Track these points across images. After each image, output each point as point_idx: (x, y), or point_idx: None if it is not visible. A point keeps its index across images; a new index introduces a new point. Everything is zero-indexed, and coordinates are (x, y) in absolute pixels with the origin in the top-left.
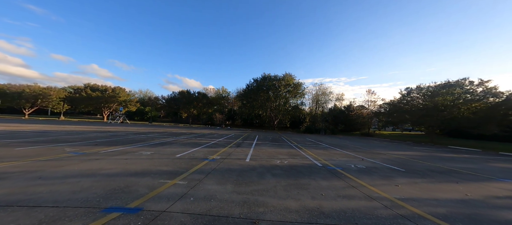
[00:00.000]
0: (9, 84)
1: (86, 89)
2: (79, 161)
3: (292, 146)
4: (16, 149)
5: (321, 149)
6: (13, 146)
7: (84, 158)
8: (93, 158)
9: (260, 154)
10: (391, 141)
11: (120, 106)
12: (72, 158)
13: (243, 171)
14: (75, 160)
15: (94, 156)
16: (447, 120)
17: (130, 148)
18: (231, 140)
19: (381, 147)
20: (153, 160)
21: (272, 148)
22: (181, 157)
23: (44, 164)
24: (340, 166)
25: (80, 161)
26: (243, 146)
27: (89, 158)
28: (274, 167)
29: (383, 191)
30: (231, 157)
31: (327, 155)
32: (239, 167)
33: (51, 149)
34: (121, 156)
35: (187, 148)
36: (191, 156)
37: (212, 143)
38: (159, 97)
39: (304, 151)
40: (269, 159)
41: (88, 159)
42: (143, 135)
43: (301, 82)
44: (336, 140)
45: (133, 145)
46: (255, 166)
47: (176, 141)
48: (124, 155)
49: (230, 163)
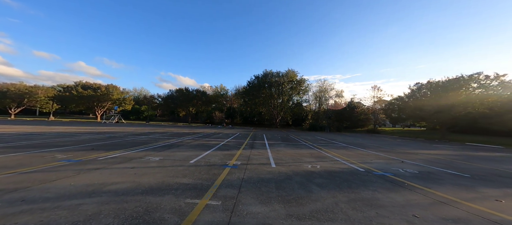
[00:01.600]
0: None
1: (77, 87)
2: (75, 172)
3: (308, 146)
4: None
5: (342, 149)
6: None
7: (81, 167)
8: (92, 168)
9: (282, 157)
10: (402, 138)
11: (114, 105)
12: (66, 168)
13: (279, 182)
14: (70, 170)
15: (92, 164)
16: (461, 116)
17: (133, 153)
18: (240, 140)
19: (401, 145)
20: (166, 168)
21: (289, 148)
22: (197, 163)
23: (29, 178)
24: (387, 171)
25: (77, 172)
26: (257, 147)
27: (87, 167)
28: (311, 174)
29: (496, 210)
30: (252, 162)
31: (355, 156)
32: (271, 176)
33: (38, 157)
34: (126, 164)
35: (198, 151)
36: (207, 162)
37: (222, 145)
38: (154, 96)
39: (326, 152)
40: (296, 163)
41: (86, 169)
42: (143, 136)
43: (304, 79)
44: (347, 138)
45: (136, 148)
46: (288, 174)
47: (182, 143)
48: (129, 163)
49: (257, 171)
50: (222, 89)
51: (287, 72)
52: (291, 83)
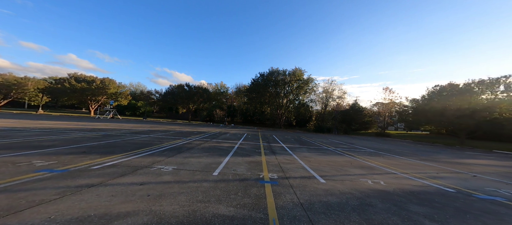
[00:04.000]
0: None
1: (70, 79)
2: (57, 192)
3: (334, 151)
4: None
5: (377, 156)
6: None
7: (68, 183)
8: (84, 183)
9: (319, 166)
10: (418, 143)
11: (109, 99)
12: (45, 183)
13: (358, 210)
14: (51, 188)
15: (84, 178)
16: (487, 122)
17: (137, 159)
18: (252, 142)
19: (433, 153)
20: (187, 185)
21: (317, 154)
22: (224, 177)
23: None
24: (487, 193)
25: (60, 193)
26: (279, 152)
27: (77, 183)
28: (389, 196)
29: None
30: (290, 174)
31: (406, 166)
32: (335, 199)
33: (8, 163)
34: (131, 178)
35: (215, 157)
36: (235, 174)
37: (238, 148)
38: (152, 91)
39: (365, 160)
40: (347, 177)
41: (75, 187)
42: (144, 135)
43: (312, 78)
44: (364, 142)
45: (140, 152)
46: (355, 194)
47: (191, 145)
48: (135, 175)
49: (308, 189)
50: (222, 86)
51: (294, 71)
52: (298, 82)
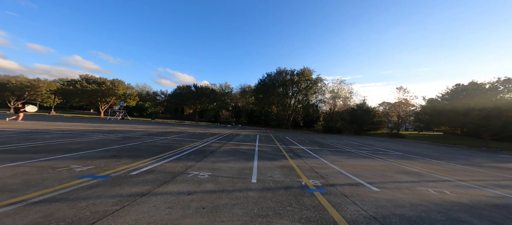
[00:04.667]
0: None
1: (81, 81)
2: (114, 202)
3: (364, 155)
4: None
5: (414, 161)
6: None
7: (118, 192)
8: (134, 192)
9: (357, 171)
10: (437, 144)
11: (118, 100)
12: (96, 192)
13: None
14: (106, 198)
15: (130, 186)
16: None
17: (168, 164)
18: (269, 144)
19: (464, 155)
20: (233, 194)
21: (347, 158)
22: (265, 185)
23: (46, 218)
24: None
25: (117, 204)
26: (303, 156)
27: (126, 191)
28: (473, 209)
29: None
30: (333, 180)
31: (454, 172)
32: (414, 213)
33: (49, 169)
34: (175, 186)
35: (243, 162)
36: (275, 181)
37: (259, 151)
38: (157, 92)
39: (404, 165)
40: (398, 185)
41: (128, 196)
42: (161, 137)
43: (321, 77)
44: (383, 143)
45: (166, 156)
46: (431, 208)
47: (210, 147)
48: (177, 183)
49: (368, 199)
50: (226, 87)
51: (303, 70)
52: (306, 82)
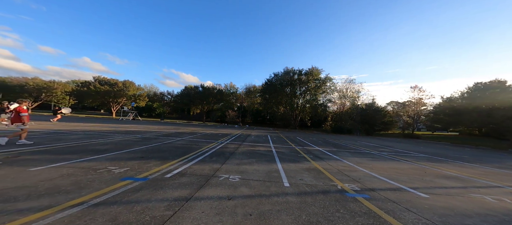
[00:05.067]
0: (11, 77)
1: (95, 82)
2: (164, 205)
3: (388, 157)
4: (30, 169)
5: (447, 164)
6: (23, 161)
7: (164, 196)
8: (178, 197)
9: (391, 175)
10: (458, 146)
11: (129, 101)
12: (143, 195)
13: None
14: (154, 201)
15: (171, 189)
16: None
17: (196, 166)
18: (285, 145)
19: (495, 158)
20: (274, 200)
21: (371, 160)
22: (301, 189)
23: (114, 221)
24: None
25: (168, 207)
26: (323, 158)
27: (170, 195)
28: None
29: None
30: (370, 185)
31: (496, 176)
32: (477, 222)
33: (90, 170)
34: (212, 190)
35: (266, 164)
36: (308, 185)
37: (277, 153)
38: (164, 93)
39: (439, 168)
40: (445, 190)
41: (174, 201)
42: (177, 138)
43: (330, 77)
44: (404, 145)
45: (190, 158)
46: (505, 219)
47: (228, 149)
48: (212, 186)
49: (423, 207)
50: (231, 87)
51: (311, 70)
52: (315, 82)
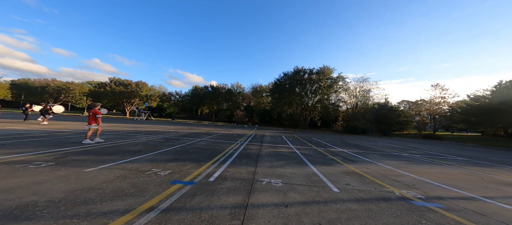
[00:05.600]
0: (33, 79)
1: (110, 83)
2: (227, 215)
3: (425, 160)
4: (85, 170)
5: (500, 169)
6: (73, 162)
7: (220, 204)
8: (237, 204)
9: (447, 181)
10: (489, 147)
11: (142, 101)
12: (202, 202)
13: None
14: (217, 210)
15: (224, 195)
16: None
17: (231, 170)
18: (305, 146)
19: None
20: (333, 207)
21: (410, 164)
22: (354, 195)
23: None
24: None
25: (232, 218)
26: (358, 161)
27: (225, 202)
28: None
29: None
30: (435, 192)
31: None
32: None
33: (138, 172)
34: (264, 196)
35: (300, 167)
36: (358, 190)
37: (303, 154)
38: (172, 93)
39: (495, 174)
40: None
41: (234, 209)
42: (196, 138)
43: (342, 76)
44: (431, 146)
45: (220, 160)
46: None
47: (250, 150)
48: (261, 192)
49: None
50: (237, 87)
51: (322, 69)
52: (327, 81)
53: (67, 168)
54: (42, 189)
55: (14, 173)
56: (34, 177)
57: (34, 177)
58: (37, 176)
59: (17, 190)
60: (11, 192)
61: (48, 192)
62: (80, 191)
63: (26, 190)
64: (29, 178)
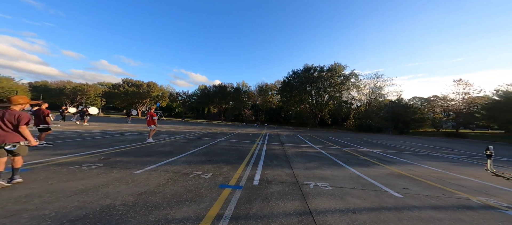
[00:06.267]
0: (51, 81)
1: (124, 84)
2: (296, 222)
3: (460, 160)
4: (135, 172)
5: None
6: (118, 163)
7: (282, 211)
8: (300, 210)
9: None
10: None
11: (153, 101)
12: (264, 209)
13: None
14: (285, 217)
15: (278, 199)
16: None
17: (268, 172)
18: (325, 145)
19: None
20: (407, 214)
21: (472, 168)
22: (429, 202)
23: None
24: None
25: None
26: (398, 162)
27: (286, 208)
28: None
29: None
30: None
31: None
32: None
33: (183, 175)
34: (322, 202)
35: (336, 169)
36: (429, 196)
37: (331, 154)
38: (180, 93)
39: None
40: None
41: (302, 217)
42: (216, 138)
43: (355, 73)
44: (462, 145)
45: (252, 162)
46: None
47: (275, 151)
48: (315, 196)
49: None
50: (243, 86)
51: (334, 66)
52: (339, 78)
53: (117, 169)
54: (110, 191)
55: (75, 175)
56: (94, 179)
57: (94, 179)
58: (96, 178)
59: (89, 192)
60: (85, 194)
61: (117, 195)
62: (144, 194)
63: (96, 192)
64: (91, 180)
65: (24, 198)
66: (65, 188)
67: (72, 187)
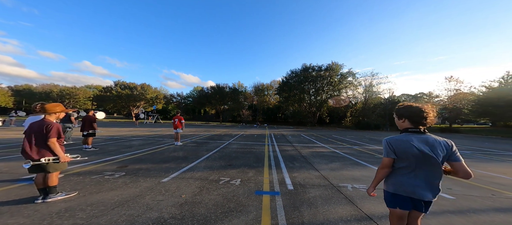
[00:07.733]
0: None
1: (116, 87)
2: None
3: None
4: (162, 181)
5: None
6: (139, 171)
7: (337, 217)
8: (353, 218)
9: None
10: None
11: (148, 104)
12: (318, 216)
13: None
14: (345, 223)
15: (325, 205)
16: None
17: (295, 175)
18: (336, 145)
19: None
20: (481, 219)
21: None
22: (486, 204)
23: None
24: None
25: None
26: None
27: (342, 214)
28: None
29: None
30: None
31: None
32: None
33: (212, 182)
34: (374, 207)
35: (360, 169)
36: (478, 197)
37: (347, 153)
38: (174, 95)
39: None
40: None
41: (362, 222)
42: (224, 141)
43: (352, 71)
44: (473, 142)
45: (271, 164)
46: None
47: (288, 152)
48: (361, 200)
49: None
50: (239, 86)
51: (331, 65)
52: (337, 77)
53: (143, 178)
54: (150, 203)
55: (102, 185)
56: (126, 190)
57: (125, 189)
58: (127, 188)
59: (129, 204)
60: (127, 207)
61: (160, 206)
62: (187, 205)
63: (137, 204)
64: (123, 190)
65: (65, 212)
66: (101, 200)
67: (109, 198)
